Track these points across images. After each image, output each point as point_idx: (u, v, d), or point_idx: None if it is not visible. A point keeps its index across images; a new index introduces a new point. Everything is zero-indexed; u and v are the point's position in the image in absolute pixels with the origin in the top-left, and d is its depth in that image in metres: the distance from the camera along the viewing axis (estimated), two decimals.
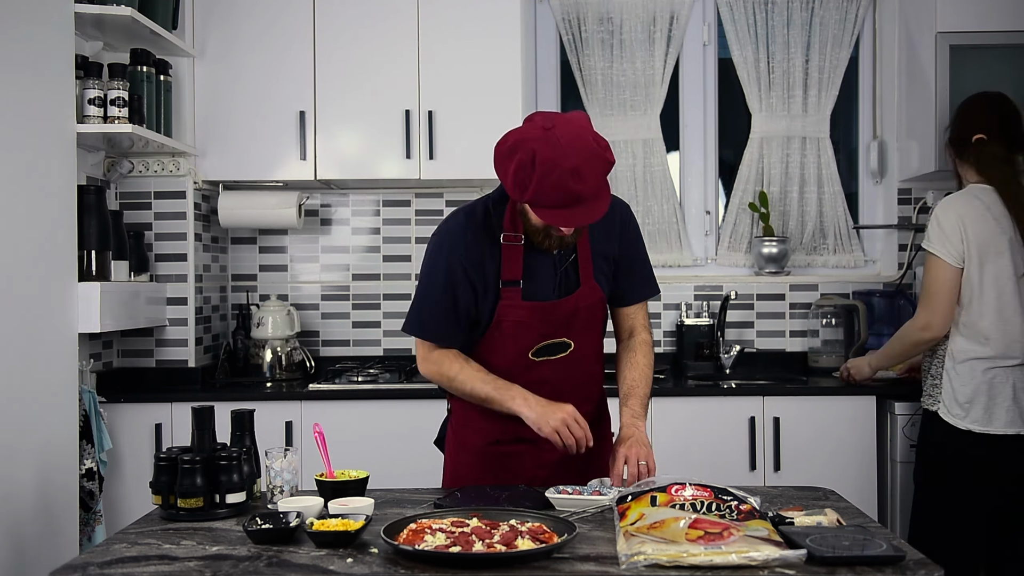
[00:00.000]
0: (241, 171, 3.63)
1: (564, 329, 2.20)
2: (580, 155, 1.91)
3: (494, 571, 1.58)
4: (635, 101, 3.98)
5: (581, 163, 1.91)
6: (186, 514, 1.96)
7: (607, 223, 2.20)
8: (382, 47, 3.56)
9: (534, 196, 1.94)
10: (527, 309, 2.16)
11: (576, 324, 2.21)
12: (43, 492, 2.61)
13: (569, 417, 2.07)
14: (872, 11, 3.96)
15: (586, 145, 1.93)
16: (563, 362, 2.22)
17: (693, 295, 3.96)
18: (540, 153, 1.91)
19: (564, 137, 1.92)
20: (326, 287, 3.98)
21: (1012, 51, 3.45)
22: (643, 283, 2.34)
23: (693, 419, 3.34)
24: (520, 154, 1.93)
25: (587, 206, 1.96)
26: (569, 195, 1.92)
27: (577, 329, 2.22)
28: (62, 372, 2.76)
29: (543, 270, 2.18)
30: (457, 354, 2.20)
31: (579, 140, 1.93)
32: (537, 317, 2.17)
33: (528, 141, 1.93)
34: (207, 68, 3.59)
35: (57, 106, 2.79)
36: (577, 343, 2.23)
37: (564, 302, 2.19)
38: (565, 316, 2.19)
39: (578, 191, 1.92)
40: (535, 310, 2.17)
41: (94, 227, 2.99)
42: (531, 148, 1.92)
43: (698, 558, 1.54)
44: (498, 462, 2.26)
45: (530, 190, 1.94)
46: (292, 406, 3.34)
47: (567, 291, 2.20)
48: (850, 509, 1.98)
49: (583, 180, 1.91)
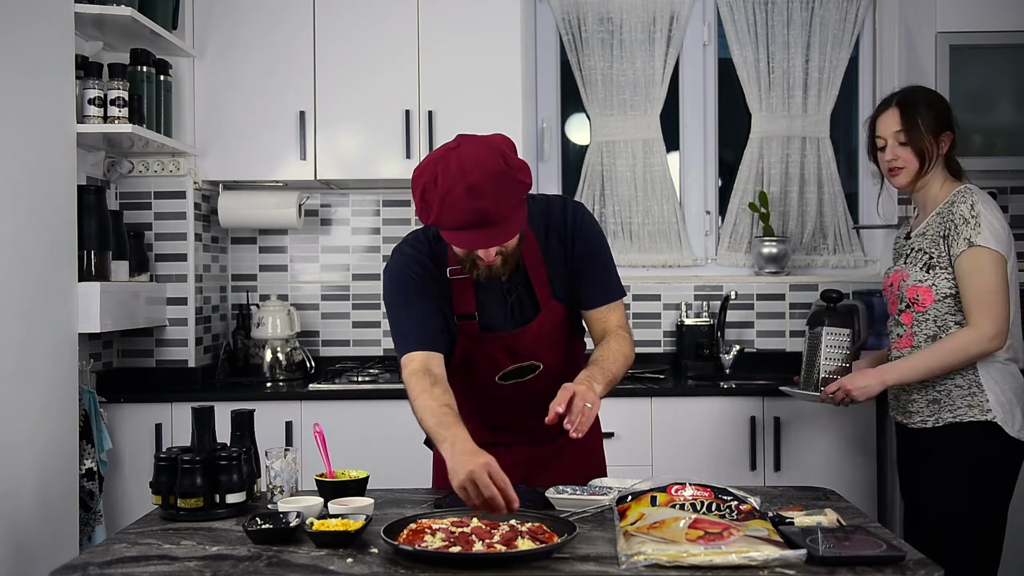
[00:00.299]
0: (241, 171, 3.63)
1: (530, 354, 2.14)
2: (480, 173, 1.84)
3: (494, 571, 1.58)
4: (635, 101, 3.98)
5: (480, 181, 1.83)
6: (186, 514, 1.96)
7: (559, 226, 2.12)
8: (382, 47, 3.56)
9: (438, 218, 1.89)
10: (488, 341, 2.11)
11: (542, 345, 2.14)
12: (43, 492, 2.61)
13: (480, 471, 1.74)
14: (872, 11, 3.96)
15: (489, 163, 1.86)
16: (535, 382, 2.15)
17: (693, 295, 3.96)
18: (441, 172, 1.87)
19: (467, 156, 1.86)
20: (326, 287, 3.98)
21: (1012, 51, 3.45)
22: (601, 287, 2.16)
23: (693, 419, 3.34)
24: (426, 175, 1.90)
25: (494, 228, 1.88)
26: (470, 215, 1.85)
27: (544, 350, 2.15)
28: (62, 372, 2.76)
29: (492, 303, 2.11)
30: (426, 375, 2.01)
31: (481, 158, 1.86)
32: (499, 347, 2.12)
33: (434, 161, 1.90)
34: (207, 68, 3.59)
35: (57, 106, 2.79)
36: (547, 363, 2.15)
37: (524, 331, 2.11)
38: (529, 344, 2.12)
39: (480, 210, 1.84)
40: (496, 341, 2.11)
41: (94, 227, 2.99)
42: (433, 169, 1.88)
43: (698, 558, 1.54)
44: None
45: (434, 212, 1.88)
46: (292, 406, 3.34)
47: (523, 320, 2.12)
48: (850, 509, 1.98)
49: (482, 198, 1.83)
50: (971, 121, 3.52)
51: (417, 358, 2.04)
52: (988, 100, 3.54)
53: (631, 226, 4.00)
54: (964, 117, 3.48)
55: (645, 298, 3.97)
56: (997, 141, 3.55)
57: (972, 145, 3.52)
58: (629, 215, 4.00)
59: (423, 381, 2.00)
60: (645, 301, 3.97)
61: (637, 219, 4.00)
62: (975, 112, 3.53)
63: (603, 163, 4.00)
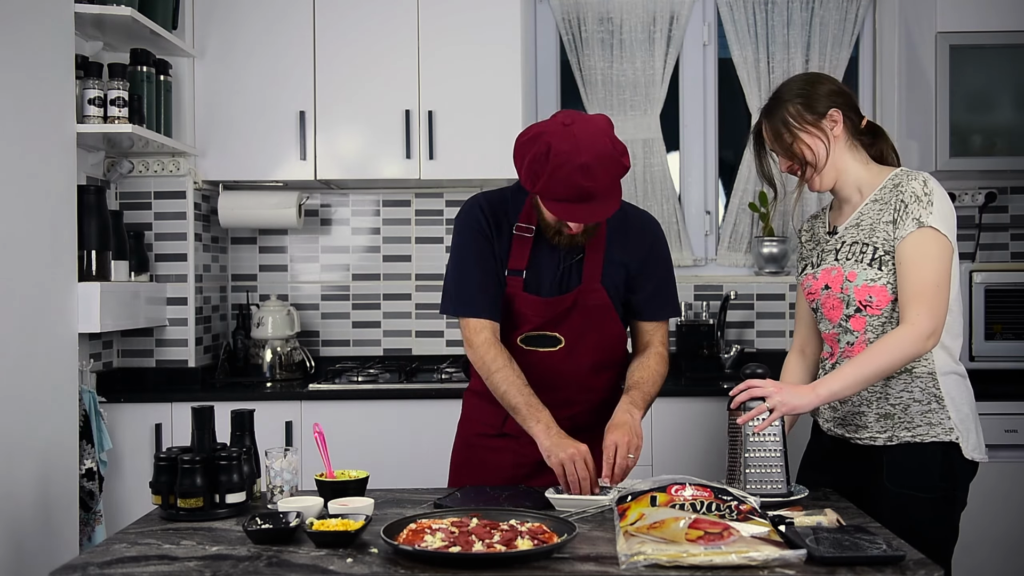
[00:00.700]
0: (241, 171, 3.63)
1: (555, 324, 2.21)
2: (593, 153, 1.96)
3: (494, 571, 1.58)
4: (635, 101, 3.98)
5: (592, 161, 1.95)
6: (186, 514, 1.96)
7: (635, 234, 2.25)
8: (382, 47, 3.56)
9: (544, 188, 1.99)
10: (525, 299, 2.20)
11: (571, 322, 2.22)
12: (43, 492, 2.61)
13: (579, 454, 2.01)
14: (872, 11, 3.96)
15: (601, 145, 1.98)
16: (552, 357, 2.23)
17: (693, 295, 3.96)
18: (555, 146, 1.96)
19: (581, 134, 1.97)
20: (326, 287, 3.98)
21: (1012, 51, 3.45)
22: (659, 301, 2.30)
23: (693, 419, 3.33)
24: (537, 146, 1.99)
25: (595, 204, 2.00)
26: (578, 190, 1.97)
27: (571, 327, 2.22)
28: (62, 372, 2.76)
29: (546, 265, 2.21)
30: (502, 349, 2.17)
31: (595, 139, 1.97)
32: (533, 309, 2.20)
33: (546, 134, 1.99)
34: (207, 68, 3.59)
35: (57, 106, 2.79)
36: (569, 341, 2.22)
37: (561, 299, 2.20)
38: (560, 312, 2.21)
39: (587, 188, 1.96)
40: (533, 303, 2.20)
41: (94, 227, 3.00)
42: (547, 141, 1.98)
43: (698, 558, 1.54)
44: (482, 456, 2.30)
45: (541, 181, 1.99)
46: (292, 406, 3.34)
47: (566, 288, 2.21)
48: (850, 509, 1.98)
49: (593, 177, 1.95)
50: (971, 121, 3.52)
51: (488, 327, 2.18)
52: (988, 100, 3.54)
53: None
54: (964, 117, 3.51)
55: None
56: (997, 141, 3.56)
57: (972, 145, 3.53)
58: None
59: (502, 355, 2.15)
60: None
61: None
62: (975, 112, 3.53)
63: None
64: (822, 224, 2.35)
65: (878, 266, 2.13)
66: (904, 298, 2.08)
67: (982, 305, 3.38)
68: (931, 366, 2.13)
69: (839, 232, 2.24)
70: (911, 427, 2.12)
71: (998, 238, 3.88)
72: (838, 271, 2.19)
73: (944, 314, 2.08)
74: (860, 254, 2.16)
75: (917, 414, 2.12)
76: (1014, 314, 3.38)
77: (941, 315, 2.07)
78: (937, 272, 2.07)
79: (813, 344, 2.38)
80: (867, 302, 2.14)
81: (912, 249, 2.08)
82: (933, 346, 2.08)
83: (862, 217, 2.20)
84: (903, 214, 2.11)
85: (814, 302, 2.27)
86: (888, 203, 2.15)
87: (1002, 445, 3.21)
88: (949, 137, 3.48)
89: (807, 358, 2.39)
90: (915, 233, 2.08)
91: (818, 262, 2.27)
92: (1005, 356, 3.38)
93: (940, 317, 2.07)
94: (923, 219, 2.08)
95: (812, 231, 2.38)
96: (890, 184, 2.18)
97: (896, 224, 2.12)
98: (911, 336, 2.04)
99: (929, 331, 2.05)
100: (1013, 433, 3.22)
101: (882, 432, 2.15)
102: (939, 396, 2.12)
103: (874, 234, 2.15)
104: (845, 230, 2.22)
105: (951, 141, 3.48)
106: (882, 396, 2.15)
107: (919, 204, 2.09)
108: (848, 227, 2.22)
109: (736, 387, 2.12)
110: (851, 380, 2.06)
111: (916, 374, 2.13)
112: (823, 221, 2.35)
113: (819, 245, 2.31)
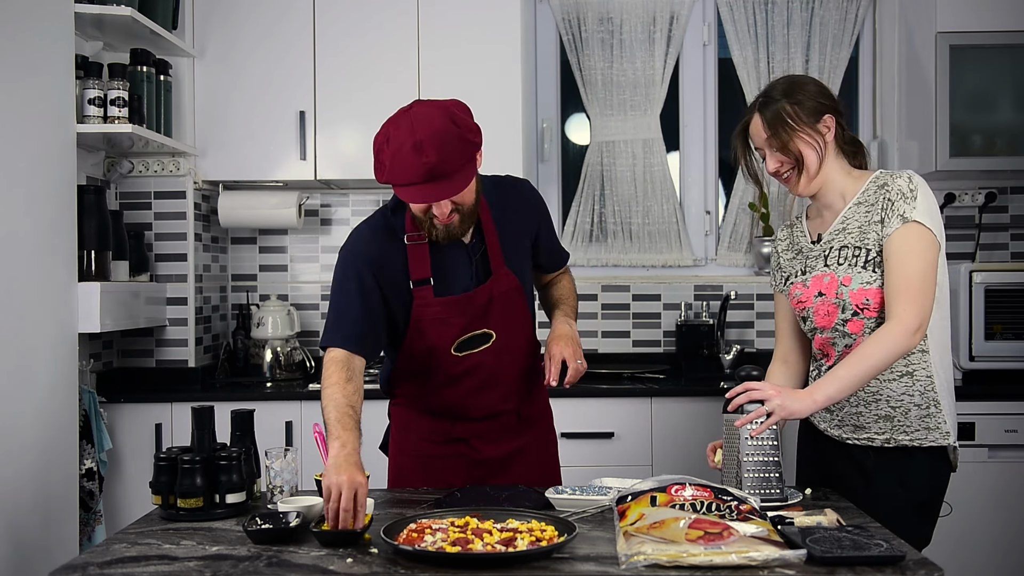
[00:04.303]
0: (241, 171, 3.63)
1: (481, 320, 2.20)
2: (427, 131, 1.93)
3: (494, 571, 1.58)
4: (635, 101, 3.98)
5: (426, 138, 1.92)
6: (186, 514, 1.96)
7: (519, 203, 2.27)
8: (382, 47, 3.56)
9: (390, 175, 1.98)
10: (440, 305, 2.17)
11: (493, 314, 2.21)
12: (43, 492, 2.61)
13: (349, 486, 1.78)
14: (872, 11, 3.96)
15: (438, 122, 1.95)
16: (488, 354, 2.22)
17: (693, 295, 3.96)
18: (391, 131, 1.98)
19: (417, 115, 1.96)
20: (326, 287, 3.98)
21: (1012, 51, 3.45)
22: (557, 254, 2.44)
23: (693, 419, 3.33)
24: (379, 137, 2.00)
25: (442, 183, 1.96)
26: (418, 169, 1.94)
27: (496, 319, 2.22)
28: (62, 372, 2.76)
29: (458, 265, 2.18)
30: (345, 368, 2.07)
31: (430, 118, 1.95)
32: (452, 311, 2.17)
33: (386, 124, 2.01)
34: (207, 68, 3.59)
35: (57, 106, 2.79)
36: (499, 333, 2.22)
37: (476, 293, 2.18)
38: (480, 307, 2.19)
39: (427, 165, 1.93)
40: (448, 305, 2.17)
41: (94, 227, 3.00)
42: (386, 128, 2.00)
43: (698, 558, 1.54)
44: (436, 464, 2.29)
45: (386, 169, 1.98)
46: (292, 406, 3.34)
47: (482, 281, 2.20)
48: (850, 509, 1.98)
49: (427, 154, 1.92)
50: (971, 121, 3.52)
51: (340, 353, 2.10)
52: (988, 100, 3.54)
53: (631, 226, 4.00)
54: (964, 117, 3.51)
55: (645, 298, 3.97)
56: (997, 141, 3.55)
57: (972, 145, 3.52)
58: (629, 215, 4.00)
59: (341, 373, 2.07)
60: (645, 301, 3.97)
61: (637, 219, 4.00)
62: (975, 112, 3.52)
63: (603, 163, 4.00)
64: (801, 233, 2.32)
65: (872, 268, 2.12)
66: (890, 293, 2.08)
67: (982, 305, 3.37)
68: (929, 368, 2.14)
69: (824, 238, 2.23)
70: (909, 431, 2.13)
71: (998, 238, 3.88)
72: (831, 276, 2.17)
73: (930, 308, 2.08)
74: (853, 258, 2.15)
75: (916, 419, 2.13)
76: (1014, 314, 3.38)
77: (927, 309, 2.07)
78: (922, 266, 2.07)
79: (796, 353, 2.37)
80: (864, 305, 2.12)
81: (897, 244, 2.08)
82: (918, 343, 2.08)
83: (847, 221, 2.19)
84: (890, 211, 2.11)
85: (804, 311, 2.24)
86: (874, 204, 2.15)
87: (1002, 445, 3.21)
88: (949, 137, 3.47)
89: (790, 367, 2.37)
90: (900, 229, 2.09)
91: (805, 270, 2.25)
92: (1005, 356, 3.38)
93: (926, 311, 2.07)
94: (907, 214, 2.08)
95: (790, 241, 2.35)
96: (873, 186, 2.18)
97: (883, 222, 2.12)
98: (898, 332, 2.04)
99: (916, 326, 2.05)
100: (1013, 433, 3.22)
101: (880, 434, 2.15)
102: (937, 401, 2.13)
103: (865, 237, 2.14)
104: (832, 235, 2.22)
105: (951, 141, 3.48)
106: (880, 398, 2.15)
107: (904, 200, 2.10)
108: (834, 232, 2.21)
109: (733, 389, 2.11)
110: (845, 383, 2.06)
111: (916, 377, 2.13)
112: (801, 230, 2.33)
113: (801, 254, 2.29)
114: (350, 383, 2.05)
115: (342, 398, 2.01)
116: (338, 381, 2.04)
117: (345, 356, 2.09)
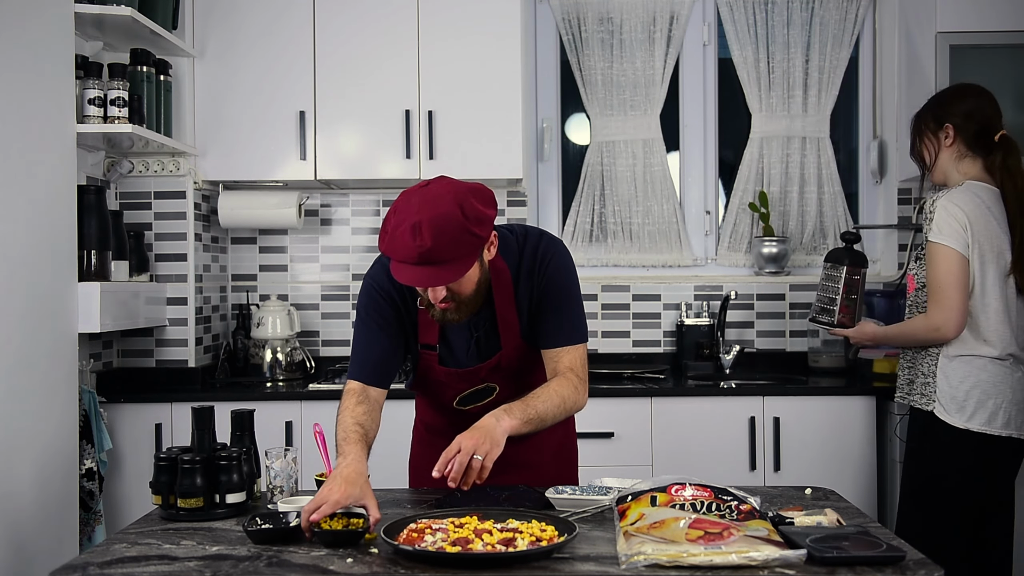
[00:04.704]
0: (241, 171, 3.63)
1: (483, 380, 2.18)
2: (429, 214, 1.85)
3: (494, 571, 1.58)
4: (635, 101, 3.98)
5: (425, 221, 1.85)
6: (186, 514, 1.96)
7: (528, 268, 2.12)
8: (382, 47, 3.56)
9: (387, 248, 1.91)
10: (442, 373, 2.16)
11: (498, 378, 2.18)
12: (43, 492, 2.61)
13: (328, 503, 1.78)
14: (872, 11, 3.96)
15: (445, 207, 1.87)
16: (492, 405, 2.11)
17: (693, 295, 3.96)
18: (399, 206, 1.91)
19: (426, 194, 1.89)
20: (326, 287, 3.98)
21: (1012, 51, 3.45)
22: (556, 329, 2.12)
23: (693, 419, 3.34)
24: (393, 204, 1.95)
25: (434, 268, 1.88)
26: (411, 251, 1.86)
27: (501, 375, 2.17)
28: (62, 372, 2.76)
29: (457, 336, 2.14)
30: (357, 395, 2.08)
31: (439, 201, 1.87)
32: (454, 379, 2.17)
33: (404, 193, 1.94)
34: (207, 68, 3.59)
35: (57, 106, 2.79)
36: (503, 386, 2.18)
37: (481, 368, 2.15)
38: (485, 375, 2.16)
39: (420, 248, 1.85)
40: (450, 375, 2.16)
41: (94, 227, 2.99)
42: (401, 199, 1.93)
43: (698, 558, 1.54)
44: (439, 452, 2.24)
45: (385, 240, 1.92)
46: (292, 406, 3.34)
47: (486, 356, 2.14)
48: (850, 509, 1.98)
49: (423, 237, 1.84)
50: None
51: (358, 384, 2.12)
52: None
53: (631, 226, 4.01)
54: None
55: (645, 298, 3.97)
56: None
57: None
58: (629, 215, 4.00)
59: (352, 399, 2.09)
60: (645, 301, 3.97)
61: (637, 219, 4.00)
62: None
63: (603, 163, 4.00)
64: None
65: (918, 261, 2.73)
66: (927, 297, 2.66)
67: None
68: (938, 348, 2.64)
69: None
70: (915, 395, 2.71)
71: None
72: None
73: (955, 310, 2.57)
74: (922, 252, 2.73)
75: (920, 385, 2.69)
76: None
77: (950, 309, 2.57)
78: (939, 277, 2.60)
79: None
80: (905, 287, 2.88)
81: (926, 259, 2.66)
82: (944, 337, 2.60)
83: None
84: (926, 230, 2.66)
85: None
86: None
87: None
88: None
89: None
90: (926, 247, 2.65)
91: None
92: None
93: (949, 311, 2.57)
94: (928, 236, 2.62)
95: None
96: None
97: None
98: (924, 325, 2.65)
99: (937, 324, 2.60)
100: None
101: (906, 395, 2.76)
102: (934, 373, 2.65)
103: None
104: None
105: None
106: (911, 364, 2.74)
107: (927, 223, 2.62)
108: None
109: None
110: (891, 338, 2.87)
111: (929, 352, 2.67)
112: None
113: None
114: (360, 406, 2.07)
115: (350, 420, 2.04)
116: (349, 407, 2.07)
117: (360, 387, 2.11)
